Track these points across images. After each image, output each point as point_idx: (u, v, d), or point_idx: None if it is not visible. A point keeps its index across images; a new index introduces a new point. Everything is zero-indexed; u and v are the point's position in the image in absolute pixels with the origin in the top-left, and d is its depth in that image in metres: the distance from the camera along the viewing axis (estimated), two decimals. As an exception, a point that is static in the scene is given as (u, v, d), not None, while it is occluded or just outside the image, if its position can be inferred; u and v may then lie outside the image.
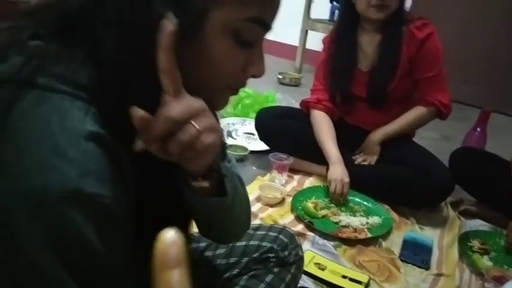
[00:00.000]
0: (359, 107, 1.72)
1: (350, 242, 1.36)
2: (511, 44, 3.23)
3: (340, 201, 1.56)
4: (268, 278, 0.84)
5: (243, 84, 0.54)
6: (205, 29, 0.46)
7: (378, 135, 1.68)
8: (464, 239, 1.46)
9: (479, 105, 2.49)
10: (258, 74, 0.53)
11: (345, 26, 1.67)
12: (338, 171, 1.56)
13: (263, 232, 0.90)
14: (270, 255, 0.86)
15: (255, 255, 0.85)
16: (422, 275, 1.27)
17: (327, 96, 1.72)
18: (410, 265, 1.31)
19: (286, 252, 0.87)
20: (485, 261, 1.38)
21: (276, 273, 0.85)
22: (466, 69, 3.30)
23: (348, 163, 1.63)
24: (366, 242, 1.37)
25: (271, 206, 1.52)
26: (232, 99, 0.56)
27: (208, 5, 0.46)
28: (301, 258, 0.92)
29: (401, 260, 1.31)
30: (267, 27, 0.51)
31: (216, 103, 0.53)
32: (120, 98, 0.42)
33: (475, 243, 1.44)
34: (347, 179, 1.55)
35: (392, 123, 1.67)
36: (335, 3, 3.56)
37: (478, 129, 2.00)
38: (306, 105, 1.77)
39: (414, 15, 1.64)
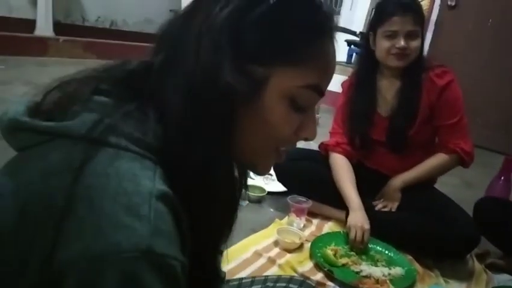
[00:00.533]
0: (379, 151, 1.69)
1: (372, 294, 1.30)
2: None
3: (360, 249, 1.50)
4: None
5: (293, 147, 0.56)
6: (263, 95, 0.48)
7: (398, 181, 1.65)
8: (492, 295, 1.39)
9: (501, 151, 2.44)
10: (311, 138, 0.55)
11: (364, 71, 1.68)
12: (358, 217, 1.52)
13: (283, 284, 0.87)
14: None
15: None
16: (450, 334, 1.20)
17: (346, 140, 1.70)
18: (436, 322, 1.24)
19: None
20: (516, 321, 1.30)
21: None
22: (487, 114, 3.28)
23: (368, 209, 1.58)
24: (389, 295, 1.31)
25: (289, 251, 1.47)
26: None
27: (270, 73, 0.48)
28: None
29: (427, 317, 1.25)
30: (321, 93, 0.52)
31: (261, 168, 0.55)
32: (184, 160, 0.44)
33: (504, 300, 1.37)
34: (367, 226, 1.50)
35: (413, 169, 1.64)
36: (352, 46, 3.62)
37: (502, 177, 1.95)
38: (325, 148, 1.75)
39: (433, 62, 1.64)
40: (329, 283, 1.32)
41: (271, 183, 2.00)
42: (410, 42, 1.50)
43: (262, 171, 0.56)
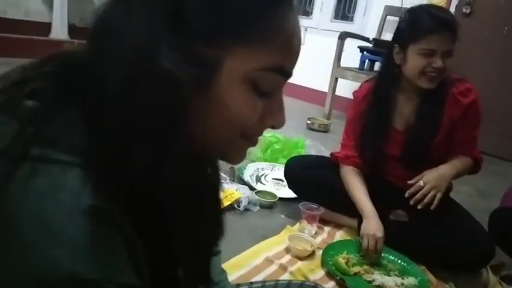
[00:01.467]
0: (392, 165, 1.65)
1: (384, 305, 1.28)
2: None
3: (373, 259, 1.48)
4: None
5: (260, 134, 0.50)
6: (218, 80, 0.42)
7: (450, 170, 1.51)
8: (508, 308, 1.36)
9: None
10: (278, 125, 0.49)
11: (384, 84, 1.59)
12: (371, 225, 1.50)
13: (295, 290, 0.86)
14: None
15: None
16: None
17: (356, 153, 1.65)
18: (450, 335, 1.21)
19: None
20: (533, 336, 1.26)
21: None
22: (502, 122, 3.24)
23: (382, 218, 1.56)
24: (402, 306, 1.29)
25: (301, 258, 1.46)
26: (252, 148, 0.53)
27: (221, 54, 0.42)
28: None
29: (441, 329, 1.22)
30: (287, 75, 0.47)
31: (232, 156, 0.50)
32: (127, 163, 0.38)
33: (520, 314, 1.33)
34: (380, 234, 1.47)
35: (451, 163, 1.54)
36: (365, 53, 3.60)
37: (518, 188, 1.91)
38: (336, 159, 1.73)
39: (452, 74, 1.56)
40: (341, 292, 1.30)
41: (282, 189, 1.99)
42: (445, 61, 1.41)
43: (234, 160, 0.51)
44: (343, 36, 3.54)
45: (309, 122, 3.28)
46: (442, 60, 1.40)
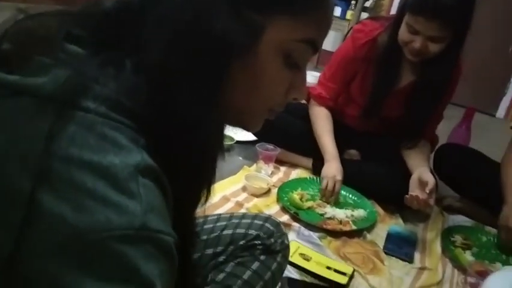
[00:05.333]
0: (352, 107, 1.66)
1: (334, 234, 1.36)
2: (496, 48, 3.29)
3: (330, 200, 1.52)
4: (255, 265, 0.83)
5: (282, 107, 0.51)
6: (258, 47, 0.43)
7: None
8: (447, 234, 1.47)
9: (463, 104, 2.51)
10: (300, 98, 0.51)
11: (394, 44, 1.43)
12: (332, 168, 1.54)
13: (249, 220, 0.89)
14: (257, 242, 0.84)
15: (241, 243, 0.84)
16: (406, 268, 1.27)
17: (330, 95, 1.62)
18: (393, 258, 1.31)
19: (272, 240, 0.86)
20: (467, 256, 1.39)
21: (262, 260, 0.84)
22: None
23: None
24: (351, 234, 1.37)
25: (257, 196, 1.50)
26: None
27: (267, 23, 0.43)
28: (287, 247, 0.91)
29: (385, 253, 1.31)
30: (317, 50, 0.48)
31: (252, 125, 0.52)
32: (170, 123, 0.40)
33: (458, 239, 1.45)
34: (339, 177, 1.52)
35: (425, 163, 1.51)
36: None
37: (463, 126, 2.02)
38: (308, 95, 1.67)
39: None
40: (294, 224, 1.36)
41: (240, 132, 2.00)
42: (430, 45, 1.33)
43: (253, 129, 0.52)
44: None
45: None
46: (425, 44, 1.32)
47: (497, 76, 3.60)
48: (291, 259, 1.12)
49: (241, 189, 1.52)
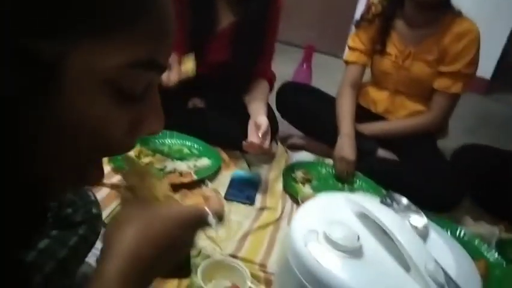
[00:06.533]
0: None
1: (173, 188, 1.27)
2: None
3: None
4: (42, 244, 0.69)
5: (130, 149, 0.36)
6: (63, 85, 0.29)
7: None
8: (288, 170, 1.51)
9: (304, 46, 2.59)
10: (155, 133, 0.38)
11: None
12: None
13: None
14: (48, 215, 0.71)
15: None
16: (246, 211, 1.26)
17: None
18: (235, 203, 1.29)
19: (70, 210, 0.74)
20: (307, 190, 1.44)
21: (53, 236, 0.71)
22: (294, 11, 3.42)
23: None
24: (192, 186, 1.30)
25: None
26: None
27: (62, 50, 0.28)
28: (96, 217, 0.79)
29: (227, 199, 1.29)
30: (160, 68, 0.35)
31: (90, 176, 0.36)
32: None
33: (298, 174, 1.50)
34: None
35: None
36: None
37: (304, 65, 2.07)
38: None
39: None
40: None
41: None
42: None
43: (92, 180, 0.37)
44: None
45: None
46: None
47: (342, 17, 3.81)
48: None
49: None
